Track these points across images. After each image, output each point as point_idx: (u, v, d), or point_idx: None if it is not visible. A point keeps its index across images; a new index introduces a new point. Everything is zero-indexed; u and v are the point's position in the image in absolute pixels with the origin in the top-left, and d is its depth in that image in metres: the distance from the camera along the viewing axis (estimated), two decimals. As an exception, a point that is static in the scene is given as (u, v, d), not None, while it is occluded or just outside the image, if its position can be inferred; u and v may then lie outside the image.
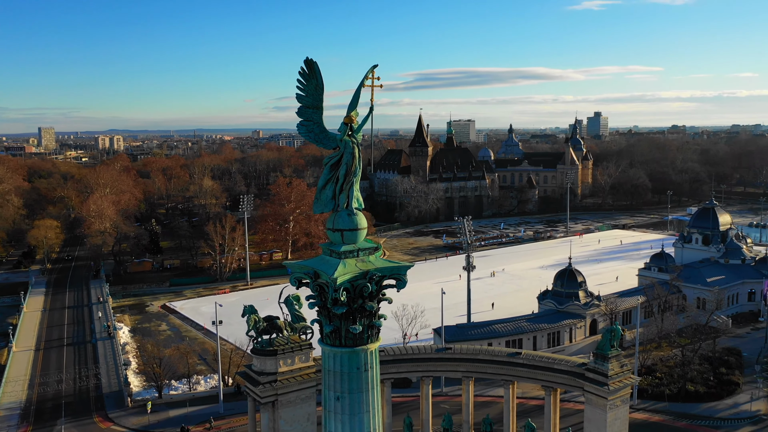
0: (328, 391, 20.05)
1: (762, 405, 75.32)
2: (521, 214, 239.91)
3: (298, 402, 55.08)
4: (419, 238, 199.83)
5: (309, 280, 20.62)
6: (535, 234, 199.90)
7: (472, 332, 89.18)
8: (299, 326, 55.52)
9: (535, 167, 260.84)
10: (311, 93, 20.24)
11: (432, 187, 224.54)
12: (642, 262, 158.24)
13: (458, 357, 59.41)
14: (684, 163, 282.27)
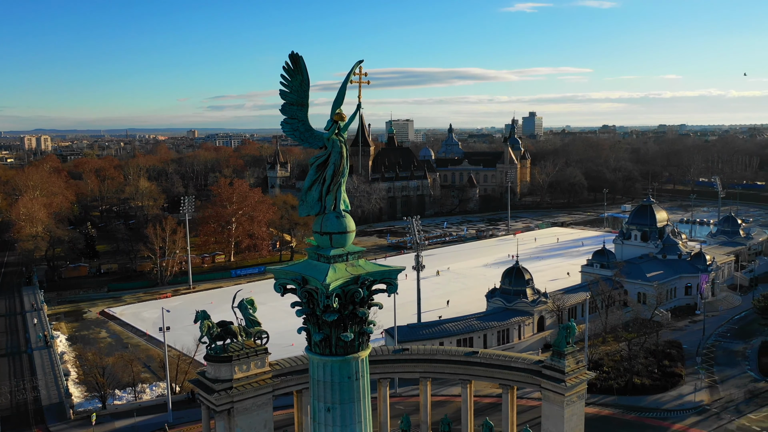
0: (317, 402, 19.16)
1: (705, 395, 78.04)
2: (463, 213, 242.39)
3: (255, 409, 53.65)
4: (363, 238, 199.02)
5: (295, 287, 19.67)
6: (477, 232, 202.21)
7: (423, 332, 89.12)
8: (254, 331, 54.08)
9: (475, 166, 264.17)
10: (296, 89, 19.27)
11: (374, 187, 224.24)
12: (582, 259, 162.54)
13: (416, 357, 59.06)
14: (617, 162, 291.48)
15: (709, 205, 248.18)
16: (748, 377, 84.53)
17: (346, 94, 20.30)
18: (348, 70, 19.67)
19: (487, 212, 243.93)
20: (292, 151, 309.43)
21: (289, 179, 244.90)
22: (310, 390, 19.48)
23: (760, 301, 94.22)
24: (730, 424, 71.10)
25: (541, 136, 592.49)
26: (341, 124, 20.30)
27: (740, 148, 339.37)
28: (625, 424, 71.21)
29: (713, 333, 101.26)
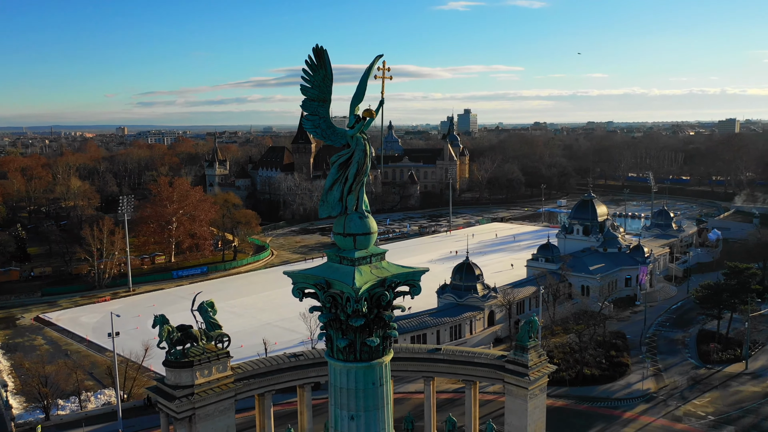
0: (339, 410, 18.46)
1: (651, 384, 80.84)
2: (404, 210, 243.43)
3: (217, 414, 52.12)
4: (306, 236, 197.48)
5: (317, 291, 18.88)
6: (420, 229, 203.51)
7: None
8: (215, 334, 52.49)
9: (415, 163, 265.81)
10: (318, 84, 18.48)
11: (316, 184, 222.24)
12: (522, 253, 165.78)
13: (379, 356, 58.61)
14: (551, 158, 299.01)
15: (638, 200, 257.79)
16: (689, 364, 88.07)
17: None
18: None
19: (428, 208, 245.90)
20: (230, 149, 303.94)
21: (228, 177, 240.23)
22: (331, 399, 18.72)
23: (699, 291, 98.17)
24: (677, 411, 73.87)
25: (476, 132, 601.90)
26: (368, 120, 19.61)
27: (665, 145, 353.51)
28: (579, 414, 72.97)
29: (653, 323, 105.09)
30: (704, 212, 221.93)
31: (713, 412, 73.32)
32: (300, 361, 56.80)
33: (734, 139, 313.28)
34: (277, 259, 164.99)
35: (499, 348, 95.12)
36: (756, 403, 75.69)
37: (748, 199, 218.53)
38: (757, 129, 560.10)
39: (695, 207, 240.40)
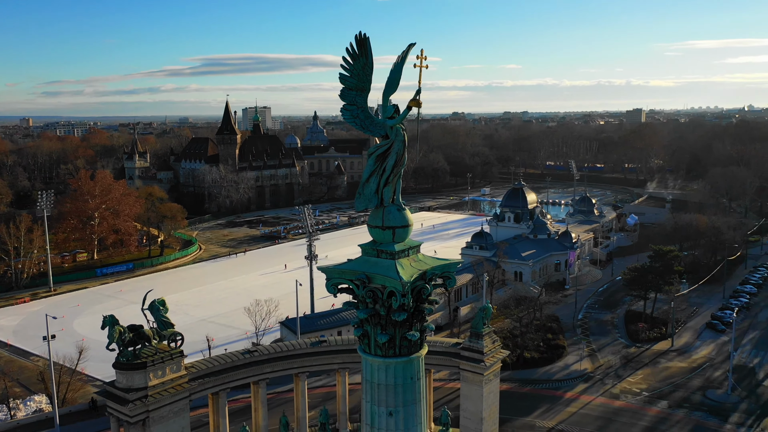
0: (376, 407, 18.18)
1: (588, 364, 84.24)
2: (332, 201, 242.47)
3: (172, 416, 50.45)
4: (233, 229, 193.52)
5: (354, 287, 18.50)
6: (349, 219, 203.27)
7: (321, 322, 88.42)
8: (168, 333, 50.70)
9: (342, 153, 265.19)
10: (358, 73, 17.96)
11: (242, 176, 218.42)
12: (452, 242, 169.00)
13: (335, 349, 58.33)
14: (474, 147, 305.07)
15: (557, 187, 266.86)
16: (620, 344, 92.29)
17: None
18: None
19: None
20: (148, 140, 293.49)
21: (149, 170, 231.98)
22: (366, 395, 18.40)
23: (626, 273, 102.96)
24: (613, 389, 77.32)
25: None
26: (406, 112, 19.27)
27: (580, 134, 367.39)
28: (523, 397, 75.13)
29: (584, 306, 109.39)
30: (619, 198, 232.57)
31: (647, 389, 77.21)
32: (255, 357, 55.74)
33: (644, 129, 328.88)
34: (206, 253, 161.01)
35: (441, 335, 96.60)
36: (684, 378, 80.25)
37: (660, 185, 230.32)
38: (661, 118, 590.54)
39: (610, 193, 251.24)
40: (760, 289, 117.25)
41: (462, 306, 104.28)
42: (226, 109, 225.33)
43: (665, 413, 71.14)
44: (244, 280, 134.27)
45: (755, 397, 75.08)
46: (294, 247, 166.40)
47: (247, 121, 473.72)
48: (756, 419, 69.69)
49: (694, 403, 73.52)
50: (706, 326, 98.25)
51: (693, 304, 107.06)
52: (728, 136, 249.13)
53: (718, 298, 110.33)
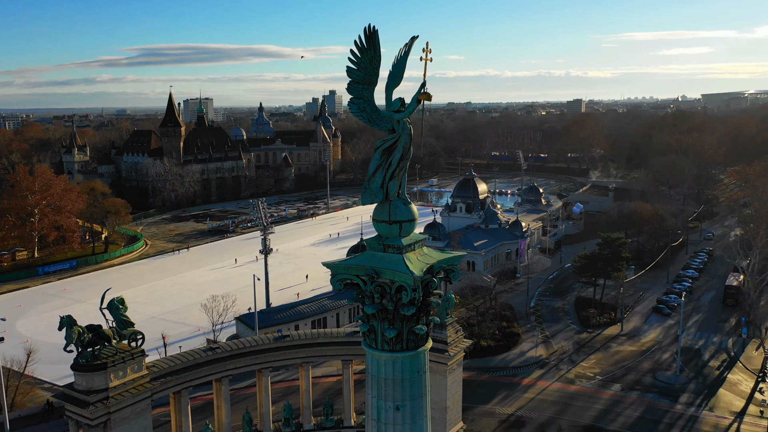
0: (383, 402, 17.99)
1: (542, 350, 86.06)
2: (279, 193, 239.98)
3: (133, 417, 49.13)
4: (180, 224, 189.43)
5: (360, 282, 18.25)
6: (298, 212, 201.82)
7: (277, 316, 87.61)
8: (128, 332, 49.24)
9: (288, 145, 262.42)
10: (365, 66, 17.68)
11: (187, 170, 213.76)
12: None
13: (298, 344, 57.82)
14: (420, 138, 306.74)
15: (503, 177, 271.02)
16: (572, 330, 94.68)
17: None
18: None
19: (304, 191, 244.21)
20: (86, 133, 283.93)
21: (89, 164, 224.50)
22: (371, 391, 18.19)
23: (577, 261, 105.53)
24: (568, 374, 79.28)
25: (343, 114, 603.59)
26: (415, 106, 19.03)
27: (523, 124, 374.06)
28: (482, 385, 76.24)
29: (535, 293, 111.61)
30: (563, 188, 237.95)
31: (600, 373, 79.48)
32: (217, 354, 54.68)
33: (586, 119, 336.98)
34: (152, 249, 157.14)
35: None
36: (635, 361, 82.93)
37: (602, 174, 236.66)
38: (600, 108, 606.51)
39: (554, 183, 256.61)
40: (701, 273, 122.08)
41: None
42: (170, 100, 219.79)
43: (619, 396, 73.42)
44: (194, 275, 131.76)
45: (702, 377, 78.26)
46: (243, 241, 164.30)
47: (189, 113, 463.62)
48: (704, 399, 72.66)
49: (645, 385, 76.10)
50: (652, 310, 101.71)
51: (639, 289, 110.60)
52: (666, 125, 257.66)
53: (663, 283, 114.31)
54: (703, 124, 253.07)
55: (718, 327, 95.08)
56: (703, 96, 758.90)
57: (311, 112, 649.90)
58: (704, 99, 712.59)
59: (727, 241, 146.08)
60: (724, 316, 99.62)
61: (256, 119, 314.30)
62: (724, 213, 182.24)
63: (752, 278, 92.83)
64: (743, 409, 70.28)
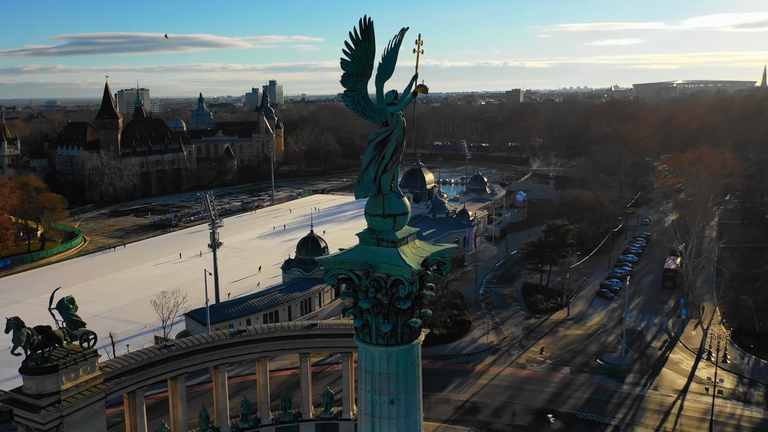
0: (377, 396, 17.95)
1: (493, 337, 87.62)
2: (222, 186, 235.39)
3: (87, 419, 47.75)
4: (119, 219, 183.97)
5: (354, 277, 18.07)
6: (243, 205, 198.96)
7: (229, 311, 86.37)
8: (79, 333, 47.72)
9: (230, 137, 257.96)
10: (359, 59, 17.53)
11: (126, 163, 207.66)
12: (349, 224, 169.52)
13: (255, 338, 57.17)
14: (364, 128, 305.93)
15: (446, 167, 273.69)
16: (521, 316, 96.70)
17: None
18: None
19: (247, 183, 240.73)
20: (16, 126, 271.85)
21: (21, 158, 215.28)
22: (365, 386, 18.05)
23: (524, 248, 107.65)
24: (519, 359, 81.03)
25: (283, 104, 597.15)
26: (410, 98, 18.85)
27: (465, 114, 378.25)
28: (436, 373, 77.06)
29: (483, 281, 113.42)
30: (505, 176, 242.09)
31: (550, 357, 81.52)
32: (172, 352, 53.59)
33: (525, 109, 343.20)
34: (92, 245, 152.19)
35: (349, 318, 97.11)
36: (582, 344, 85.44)
37: (543, 162, 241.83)
38: (537, 98, 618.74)
39: (496, 172, 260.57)
40: (640, 257, 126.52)
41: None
42: (106, 91, 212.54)
43: (569, 378, 75.53)
44: (137, 271, 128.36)
45: (646, 358, 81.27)
46: (187, 235, 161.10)
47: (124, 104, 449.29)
48: (648, 378, 75.51)
49: (593, 367, 78.50)
50: (596, 295, 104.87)
51: (583, 274, 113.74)
52: (602, 115, 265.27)
53: (605, 267, 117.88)
54: (637, 114, 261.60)
55: (659, 309, 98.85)
56: (634, 86, 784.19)
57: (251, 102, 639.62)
58: (636, 89, 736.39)
59: (663, 226, 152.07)
60: (663, 298, 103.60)
61: (196, 110, 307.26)
62: (659, 199, 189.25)
63: (690, 261, 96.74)
64: (685, 386, 73.40)
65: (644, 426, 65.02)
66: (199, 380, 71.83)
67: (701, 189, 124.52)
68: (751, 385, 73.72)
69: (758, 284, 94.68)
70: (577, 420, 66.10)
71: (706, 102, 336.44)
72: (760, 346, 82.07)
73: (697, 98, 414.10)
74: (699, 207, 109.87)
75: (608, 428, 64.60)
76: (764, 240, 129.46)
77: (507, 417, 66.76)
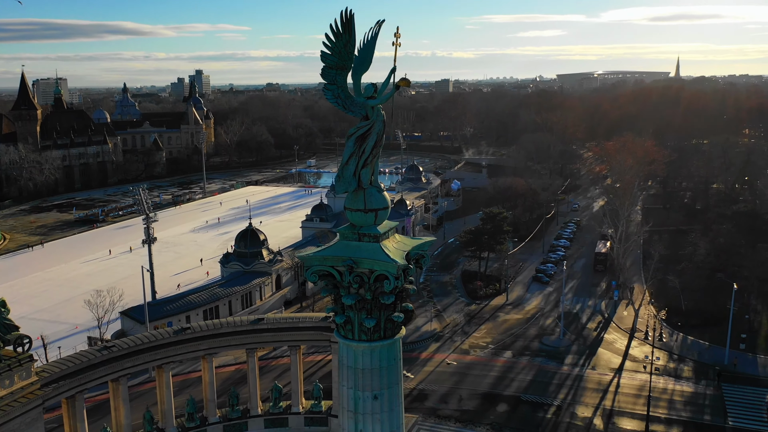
0: (360, 392, 17.69)
1: (436, 324, 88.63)
2: (150, 179, 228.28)
3: (24, 428, 45.48)
4: (41, 215, 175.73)
5: (337, 273, 17.66)
6: (174, 198, 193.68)
7: (167, 308, 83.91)
8: (13, 337, 45.26)
9: (158, 128, 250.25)
10: (339, 51, 17.08)
11: (46, 156, 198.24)
12: (285, 215, 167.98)
13: (200, 335, 55.58)
14: (295, 119, 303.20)
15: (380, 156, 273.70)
16: (462, 302, 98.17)
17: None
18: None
19: (176, 176, 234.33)
20: None
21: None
22: (347, 382, 17.69)
23: (462, 236, 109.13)
24: (463, 345, 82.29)
25: (211, 95, 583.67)
26: (392, 92, 18.40)
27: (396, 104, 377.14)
28: (382, 362, 77.27)
29: (423, 269, 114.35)
30: (439, 165, 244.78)
31: (492, 342, 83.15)
32: (113, 353, 51.51)
33: (456, 98, 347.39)
34: (12, 243, 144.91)
35: (290, 310, 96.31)
36: (522, 328, 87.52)
37: (475, 151, 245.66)
38: (466, 88, 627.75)
39: (429, 161, 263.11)
40: (571, 242, 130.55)
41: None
42: (23, 81, 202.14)
43: (511, 362, 77.26)
44: (64, 269, 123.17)
45: (582, 339, 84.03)
46: (116, 231, 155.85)
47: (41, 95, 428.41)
48: (586, 358, 78.13)
49: (533, 350, 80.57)
50: (532, 279, 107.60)
51: (519, 260, 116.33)
52: (531, 104, 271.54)
53: (539, 253, 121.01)
54: (563, 103, 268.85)
55: (592, 291, 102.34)
56: (558, 76, 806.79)
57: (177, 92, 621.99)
58: (559, 79, 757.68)
59: (592, 212, 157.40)
60: (595, 280, 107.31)
61: (120, 101, 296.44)
62: (586, 185, 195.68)
63: (620, 245, 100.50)
64: (621, 365, 76.35)
65: (585, 404, 67.28)
66: (139, 380, 69.63)
67: (627, 176, 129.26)
68: (680, 361, 77.35)
69: (683, 265, 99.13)
70: (522, 402, 67.73)
71: (626, 92, 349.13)
72: (687, 323, 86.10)
73: (617, 88, 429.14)
74: (626, 193, 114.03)
75: (551, 408, 66.49)
76: (685, 223, 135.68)
77: (454, 403, 67.72)
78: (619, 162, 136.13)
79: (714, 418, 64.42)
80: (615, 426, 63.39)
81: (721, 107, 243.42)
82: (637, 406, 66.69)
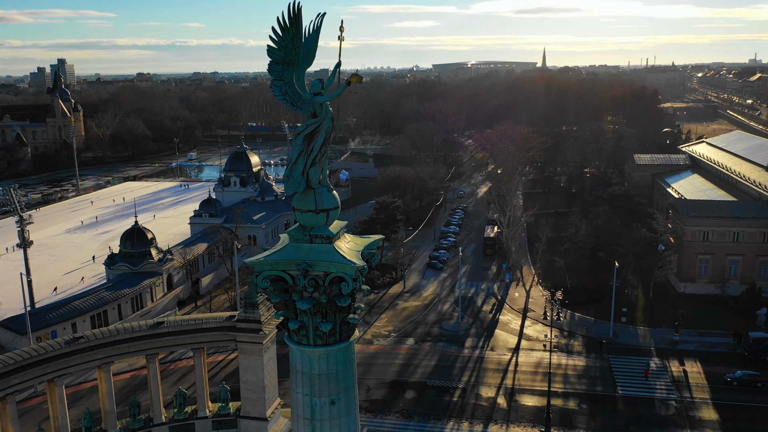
0: (317, 399, 17.07)
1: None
2: (15, 177, 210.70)
3: None
4: None
5: (290, 278, 16.82)
6: (43, 197, 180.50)
7: (50, 316, 78.17)
8: None
9: (20, 122, 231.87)
10: (286, 46, 16.29)
11: None
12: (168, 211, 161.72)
13: (94, 344, 52.11)
14: (172, 110, 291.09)
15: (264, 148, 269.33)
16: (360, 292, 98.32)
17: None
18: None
19: (44, 173, 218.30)
20: None
21: None
22: (302, 389, 16.90)
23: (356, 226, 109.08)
24: (366, 335, 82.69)
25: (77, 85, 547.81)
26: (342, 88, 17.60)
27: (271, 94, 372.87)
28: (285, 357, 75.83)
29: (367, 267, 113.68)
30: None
31: (393, 330, 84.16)
32: (50, 353, 47.72)
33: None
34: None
35: (185, 310, 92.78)
36: (421, 315, 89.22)
37: (360, 141, 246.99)
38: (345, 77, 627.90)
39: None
40: (461, 228, 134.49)
41: (203, 277, 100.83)
42: None
43: (414, 349, 78.61)
44: None
45: (480, 322, 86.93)
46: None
47: None
48: (485, 340, 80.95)
49: (434, 335, 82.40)
50: (427, 266, 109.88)
51: (412, 247, 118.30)
52: (412, 94, 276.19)
53: (431, 240, 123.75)
54: (443, 93, 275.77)
55: (484, 275, 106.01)
56: (434, 66, 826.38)
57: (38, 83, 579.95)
58: (435, 69, 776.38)
59: (477, 198, 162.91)
60: (486, 264, 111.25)
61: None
62: (469, 172, 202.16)
63: (510, 230, 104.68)
64: (517, 344, 79.75)
65: (488, 385, 69.70)
66: (24, 395, 64.47)
67: (509, 162, 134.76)
68: (570, 337, 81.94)
69: (565, 246, 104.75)
70: (428, 387, 69.11)
71: (501, 81, 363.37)
72: (573, 301, 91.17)
73: (490, 78, 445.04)
74: (510, 179, 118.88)
75: (456, 392, 68.33)
76: (563, 206, 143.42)
77: (362, 393, 67.87)
78: (501, 149, 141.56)
79: (606, 389, 68.83)
80: (517, 403, 66.18)
81: (588, 96, 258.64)
82: (536, 382, 69.96)
